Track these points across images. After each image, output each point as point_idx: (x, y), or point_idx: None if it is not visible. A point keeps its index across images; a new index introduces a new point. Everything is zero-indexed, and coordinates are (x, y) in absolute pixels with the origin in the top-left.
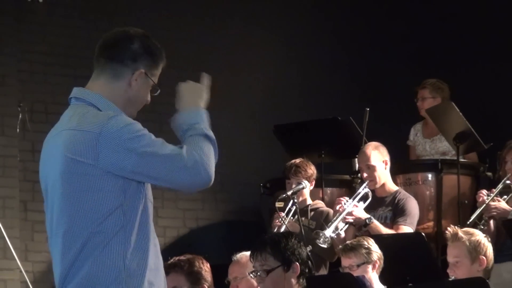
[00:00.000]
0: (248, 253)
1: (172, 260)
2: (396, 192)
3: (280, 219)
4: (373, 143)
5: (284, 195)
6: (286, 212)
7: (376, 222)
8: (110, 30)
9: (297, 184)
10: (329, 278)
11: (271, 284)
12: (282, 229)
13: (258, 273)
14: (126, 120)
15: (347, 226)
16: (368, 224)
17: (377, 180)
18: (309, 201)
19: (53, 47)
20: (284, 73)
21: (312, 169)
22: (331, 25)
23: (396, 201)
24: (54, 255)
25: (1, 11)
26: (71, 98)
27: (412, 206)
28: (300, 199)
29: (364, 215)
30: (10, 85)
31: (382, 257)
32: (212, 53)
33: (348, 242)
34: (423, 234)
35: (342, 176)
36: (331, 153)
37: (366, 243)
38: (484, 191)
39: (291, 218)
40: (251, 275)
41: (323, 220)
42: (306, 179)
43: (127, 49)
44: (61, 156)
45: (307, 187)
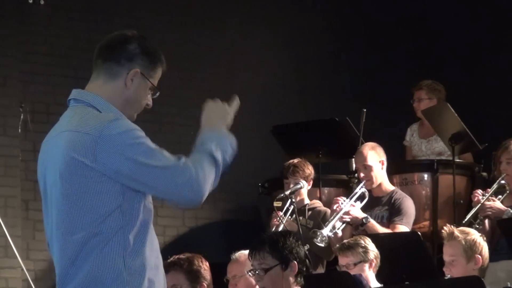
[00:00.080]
0: (246, 251)
1: (171, 259)
2: (392, 191)
3: (278, 218)
4: (370, 144)
5: (282, 194)
6: (284, 211)
7: (372, 222)
8: (110, 32)
9: (295, 184)
10: (327, 277)
11: (269, 283)
12: (280, 228)
13: (257, 272)
14: (127, 125)
15: (344, 225)
16: (365, 223)
17: (374, 180)
18: (307, 200)
19: (54, 49)
20: (282, 74)
21: (309, 169)
22: (329, 27)
23: (392, 201)
24: (54, 254)
25: (3, 13)
26: (70, 100)
27: (408, 205)
28: (298, 199)
29: (361, 214)
30: (12, 86)
31: (379, 256)
32: (210, 54)
33: (345, 241)
34: (419, 233)
35: (339, 176)
36: (329, 153)
37: (363, 242)
38: (479, 191)
39: (289, 217)
40: (249, 273)
41: (321, 219)
42: (303, 179)
43: (123, 49)
44: (61, 156)
45: (304, 187)
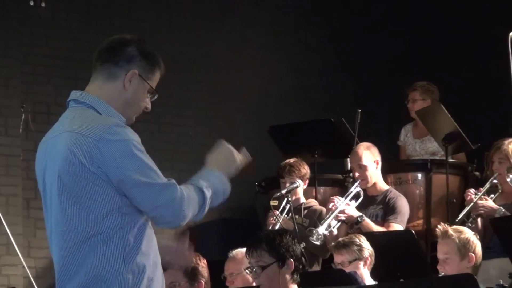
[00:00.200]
0: (243, 249)
1: None
2: (387, 191)
3: (274, 217)
4: (365, 144)
5: (279, 193)
6: (280, 210)
7: (367, 220)
8: (110, 34)
9: (291, 183)
10: (322, 274)
11: (266, 280)
12: (277, 227)
13: (254, 269)
14: (127, 135)
15: (339, 224)
16: (360, 222)
17: (369, 179)
18: (303, 199)
19: (55, 50)
20: (279, 75)
21: (305, 169)
22: (325, 28)
23: (387, 200)
24: (53, 253)
25: (5, 15)
26: (69, 101)
27: (403, 204)
28: (294, 198)
29: (356, 213)
30: (13, 86)
31: (373, 253)
32: (209, 55)
33: (341, 239)
34: (413, 231)
35: (334, 176)
36: (324, 153)
37: (357, 240)
38: (472, 190)
39: (285, 216)
40: (246, 271)
41: (316, 218)
42: (299, 178)
43: (122, 51)
44: (61, 157)
45: (300, 186)
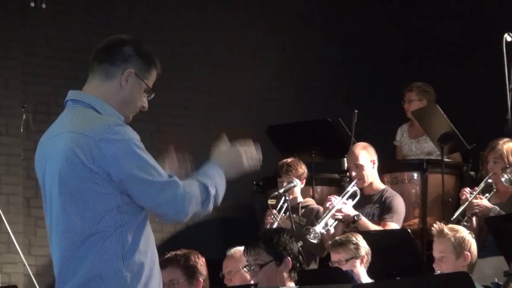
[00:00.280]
0: (241, 248)
1: (169, 255)
2: (383, 190)
3: (272, 216)
4: (362, 143)
5: (276, 193)
6: (278, 209)
7: (364, 219)
8: (109, 34)
9: (289, 183)
10: (319, 272)
11: (264, 278)
12: (275, 226)
13: (252, 267)
14: (127, 133)
15: (336, 222)
16: (357, 220)
17: (365, 178)
18: (300, 198)
19: (56, 51)
20: (277, 76)
21: (303, 168)
22: (322, 29)
23: (383, 199)
24: (53, 252)
25: (5, 16)
26: (67, 100)
27: (399, 203)
28: (291, 197)
29: (352, 212)
30: (14, 87)
31: (370, 252)
32: (207, 56)
33: (337, 238)
34: (409, 230)
35: (331, 175)
36: (321, 153)
37: (354, 239)
38: (467, 189)
39: (283, 215)
40: (244, 269)
41: (314, 217)
42: (297, 177)
43: (118, 51)
44: (62, 156)
45: (298, 185)
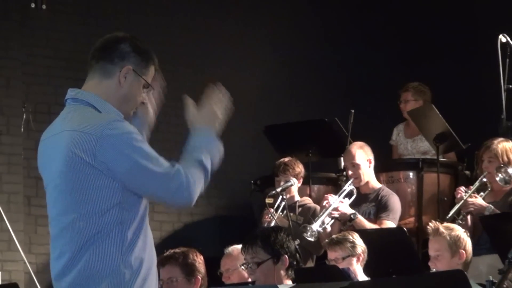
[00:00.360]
0: (239, 246)
1: (167, 253)
2: (379, 189)
3: (269, 214)
4: (358, 143)
5: (274, 191)
6: (275, 208)
7: (360, 217)
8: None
9: (286, 182)
10: (316, 270)
11: (262, 276)
12: (272, 224)
13: (249, 265)
14: (127, 128)
15: (333, 221)
16: (353, 219)
17: (362, 177)
18: (297, 197)
19: (56, 51)
20: (275, 76)
21: (300, 167)
22: (320, 30)
23: (379, 198)
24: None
25: (6, 17)
26: (67, 99)
27: (395, 202)
28: (289, 196)
29: (349, 210)
30: (15, 87)
31: (366, 250)
32: (205, 56)
33: (334, 236)
34: (405, 229)
35: (328, 174)
36: (318, 152)
37: (351, 237)
38: (462, 188)
39: (280, 213)
40: (242, 267)
41: (310, 215)
42: (294, 176)
43: (116, 49)
44: (62, 155)
45: (295, 184)
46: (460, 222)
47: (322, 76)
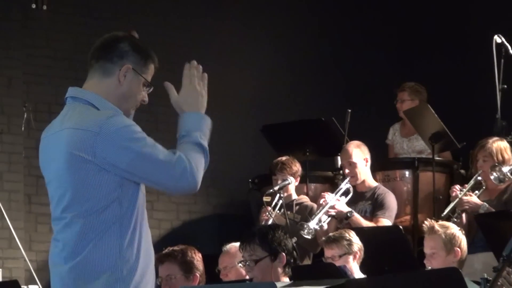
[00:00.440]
0: (237, 244)
1: (166, 250)
2: (375, 187)
3: (267, 212)
4: (355, 142)
5: (271, 190)
6: (273, 206)
7: (357, 215)
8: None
9: (283, 180)
10: (313, 268)
11: (259, 273)
12: (269, 222)
13: (247, 263)
14: (125, 121)
15: (329, 218)
16: (350, 217)
17: (358, 176)
18: (294, 196)
19: (56, 51)
20: (272, 76)
21: (297, 166)
22: (317, 30)
23: (375, 196)
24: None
25: (7, 18)
26: (67, 98)
27: (391, 200)
28: (286, 194)
29: (345, 208)
30: (16, 86)
31: (363, 248)
32: (204, 55)
33: (331, 234)
34: (401, 227)
35: (325, 173)
36: (315, 151)
37: (347, 235)
38: (457, 186)
39: (278, 211)
40: (240, 264)
41: (308, 213)
42: (291, 175)
43: (115, 48)
44: (62, 153)
45: (292, 183)
46: (455, 220)
47: (319, 76)
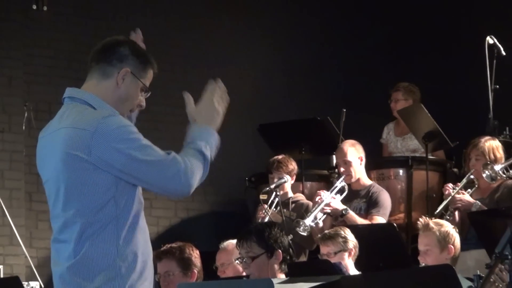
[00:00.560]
0: (234, 241)
1: (164, 247)
2: (370, 185)
3: (264, 210)
4: (350, 141)
5: (268, 188)
6: (269, 204)
7: (352, 213)
8: (108, 36)
9: (279, 178)
10: (309, 265)
11: (256, 270)
12: (266, 220)
13: (244, 260)
14: (121, 122)
15: (325, 216)
16: (345, 214)
17: (353, 174)
18: (290, 194)
19: (56, 52)
20: (270, 76)
21: (293, 165)
22: (313, 30)
23: (370, 194)
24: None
25: (8, 18)
26: (64, 98)
27: (385, 198)
28: (282, 192)
29: (341, 206)
30: (16, 86)
31: (358, 245)
32: (202, 56)
33: (326, 231)
34: (395, 224)
35: (320, 171)
36: (311, 150)
37: (342, 232)
38: (450, 185)
39: (274, 209)
40: (237, 261)
41: (303, 211)
42: (287, 173)
43: (115, 51)
44: (59, 152)
45: (288, 181)
46: (448, 218)
47: (315, 76)
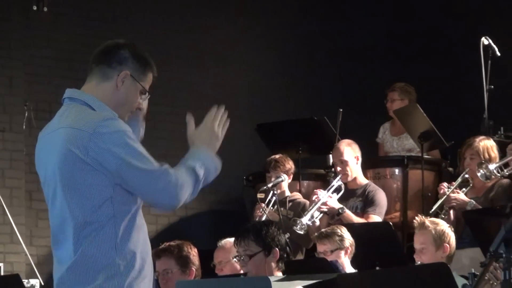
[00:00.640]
0: (232, 239)
1: (163, 246)
2: (366, 185)
3: (261, 209)
4: (346, 140)
5: (265, 187)
6: (266, 202)
7: (348, 212)
8: (107, 36)
9: (277, 177)
10: (305, 263)
11: (253, 268)
12: (263, 218)
13: (241, 258)
14: (120, 126)
15: (321, 215)
16: (341, 213)
17: (349, 174)
18: (288, 193)
19: (57, 52)
20: (267, 76)
21: (290, 164)
22: (311, 30)
23: (366, 193)
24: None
25: (9, 19)
26: (64, 98)
27: (381, 197)
28: (279, 191)
29: (337, 205)
30: (17, 86)
31: (354, 243)
32: (200, 57)
33: (323, 230)
34: (391, 223)
35: (317, 170)
36: (308, 149)
37: (339, 231)
38: (445, 184)
39: (271, 208)
40: (234, 259)
41: (300, 210)
42: (284, 172)
43: (115, 53)
44: (58, 151)
45: (285, 180)
46: (443, 216)
47: (312, 76)
